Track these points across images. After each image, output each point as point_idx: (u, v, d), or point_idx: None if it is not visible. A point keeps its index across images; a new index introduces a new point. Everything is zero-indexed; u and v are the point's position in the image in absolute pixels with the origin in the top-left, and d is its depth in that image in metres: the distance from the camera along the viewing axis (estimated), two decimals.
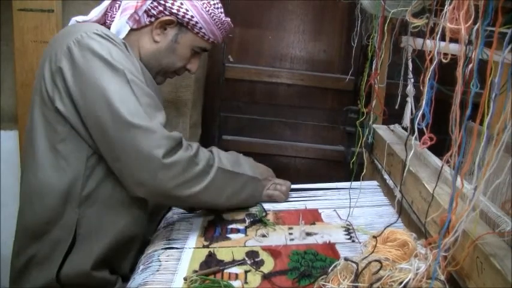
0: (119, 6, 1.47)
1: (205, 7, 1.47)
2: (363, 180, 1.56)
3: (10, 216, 2.09)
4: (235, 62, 2.48)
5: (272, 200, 1.63)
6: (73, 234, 1.37)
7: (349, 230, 1.43)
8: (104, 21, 1.50)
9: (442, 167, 0.97)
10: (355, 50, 1.90)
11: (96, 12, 1.49)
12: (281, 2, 2.40)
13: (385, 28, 1.30)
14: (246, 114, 2.55)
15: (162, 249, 1.34)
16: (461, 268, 0.93)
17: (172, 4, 1.44)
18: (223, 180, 1.43)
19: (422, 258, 0.96)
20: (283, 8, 2.42)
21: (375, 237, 1.07)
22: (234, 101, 2.53)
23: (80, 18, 1.50)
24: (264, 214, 1.52)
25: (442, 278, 0.91)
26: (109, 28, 1.46)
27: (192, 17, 1.46)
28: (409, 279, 0.88)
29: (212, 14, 1.48)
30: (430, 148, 0.93)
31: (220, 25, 1.52)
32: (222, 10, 1.54)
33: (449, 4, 0.81)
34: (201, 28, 1.48)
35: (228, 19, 1.55)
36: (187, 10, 1.45)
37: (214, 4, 1.50)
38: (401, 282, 0.89)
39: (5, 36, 1.94)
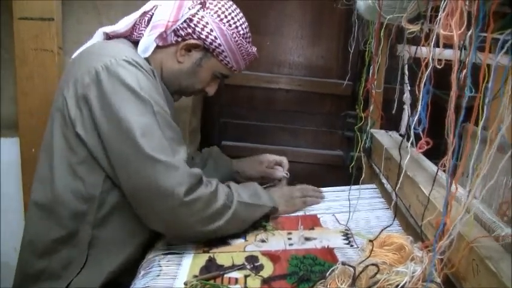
0: (148, 20, 1.46)
1: (235, 37, 1.46)
2: (361, 184, 1.57)
3: (12, 223, 2.12)
4: None
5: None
6: (86, 255, 1.37)
7: (347, 235, 1.44)
8: (131, 32, 1.49)
9: (437, 171, 0.98)
10: (352, 56, 1.91)
11: (125, 23, 1.48)
12: (279, 9, 2.42)
13: (381, 34, 1.31)
14: (246, 120, 2.56)
15: (162, 254, 1.35)
16: (457, 270, 0.94)
17: (202, 29, 1.43)
18: (244, 213, 1.42)
19: (419, 262, 0.97)
20: (281, 15, 2.44)
21: (371, 241, 1.08)
22: (234, 106, 2.55)
23: (108, 29, 1.50)
24: (266, 219, 1.54)
25: (438, 280, 0.92)
26: (135, 42, 1.46)
27: (220, 45, 1.45)
28: (405, 282, 0.89)
29: (240, 44, 1.48)
30: (429, 151, 0.94)
31: (246, 56, 1.52)
32: (250, 40, 1.54)
33: (443, 11, 0.82)
34: (226, 57, 1.48)
35: (255, 49, 1.55)
36: (215, 38, 1.44)
37: (243, 34, 1.49)
38: (397, 285, 0.90)
39: (6, 44, 1.95)
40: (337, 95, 2.46)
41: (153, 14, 1.46)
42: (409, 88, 1.48)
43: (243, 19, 1.51)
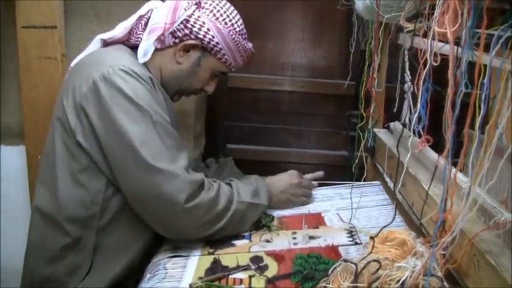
0: (145, 24, 1.48)
1: (231, 34, 1.48)
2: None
3: (21, 231, 2.13)
4: (238, 71, 2.50)
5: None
6: (90, 261, 1.39)
7: (352, 232, 1.45)
8: (129, 37, 1.51)
9: (435, 168, 0.99)
10: (353, 56, 1.92)
11: (122, 28, 1.50)
12: (280, 12, 2.42)
13: (380, 33, 1.32)
14: (250, 122, 2.56)
15: (168, 257, 1.36)
16: (459, 266, 0.95)
17: (199, 29, 1.45)
18: (244, 212, 1.44)
19: (420, 256, 0.98)
20: (282, 18, 2.44)
21: (372, 237, 1.09)
22: (237, 110, 2.55)
23: (105, 35, 1.51)
24: (271, 219, 1.55)
25: (440, 274, 0.92)
26: (133, 47, 1.48)
27: (218, 43, 1.47)
28: (406, 277, 0.90)
29: (237, 41, 1.49)
30: (431, 147, 0.94)
31: (243, 52, 1.54)
32: (246, 36, 1.55)
33: (439, 9, 0.83)
34: (224, 54, 1.50)
35: (251, 45, 1.57)
36: (213, 36, 1.46)
37: (239, 31, 1.51)
38: (398, 280, 0.91)
39: (10, 53, 1.97)
40: (340, 95, 2.45)
41: (149, 17, 1.48)
42: (409, 78, 1.48)
43: (238, 16, 1.52)
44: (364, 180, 1.52)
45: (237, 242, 1.43)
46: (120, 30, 1.50)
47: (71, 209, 1.36)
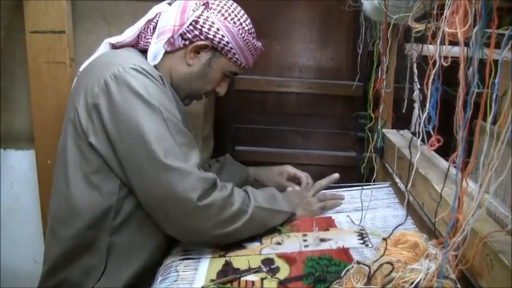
0: (153, 28, 1.48)
1: (241, 33, 1.48)
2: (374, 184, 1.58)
3: (30, 235, 2.15)
4: (245, 73, 2.50)
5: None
6: (105, 262, 1.39)
7: (362, 235, 1.44)
8: (137, 42, 1.51)
9: (448, 168, 0.99)
10: (361, 57, 1.92)
11: (130, 33, 1.50)
12: (287, 13, 2.43)
13: (389, 34, 1.32)
14: (258, 124, 2.57)
15: (179, 260, 1.36)
16: (472, 266, 0.94)
17: (209, 29, 1.45)
18: (262, 218, 1.43)
19: (433, 259, 0.98)
20: (289, 19, 2.44)
21: (384, 239, 1.08)
22: (245, 111, 2.55)
23: (113, 39, 1.52)
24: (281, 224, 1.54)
25: (453, 276, 0.92)
26: (142, 51, 1.48)
27: (228, 43, 1.47)
28: (420, 279, 0.90)
29: (247, 40, 1.49)
30: (441, 148, 0.94)
31: (253, 51, 1.53)
32: (255, 35, 1.55)
33: (448, 9, 0.83)
34: (234, 54, 1.49)
35: (260, 44, 1.56)
36: (223, 36, 1.46)
37: (248, 30, 1.51)
38: (412, 283, 0.91)
39: (19, 58, 1.98)
40: (348, 96, 2.46)
41: (157, 21, 1.48)
42: (418, 86, 1.48)
43: (246, 15, 1.52)
44: (374, 181, 1.52)
45: (248, 245, 1.42)
46: (128, 34, 1.50)
47: (84, 211, 1.37)
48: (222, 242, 1.40)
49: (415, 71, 1.51)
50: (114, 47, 1.53)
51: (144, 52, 1.48)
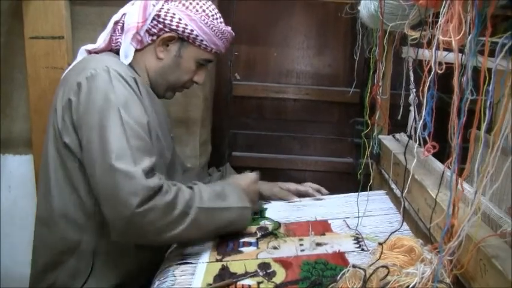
0: (121, 28, 1.50)
1: (204, 19, 1.49)
2: (371, 190, 1.59)
3: (28, 240, 2.15)
4: (242, 79, 2.52)
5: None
6: (91, 264, 1.41)
7: (358, 239, 1.45)
8: (110, 45, 1.53)
9: (443, 173, 1.00)
10: (358, 63, 1.93)
11: (102, 38, 1.53)
12: (284, 19, 2.45)
13: (385, 41, 1.33)
14: (255, 130, 2.58)
15: (176, 264, 1.37)
16: (466, 271, 0.96)
17: (171, 21, 1.47)
18: (205, 219, 1.38)
19: (428, 263, 0.99)
20: (286, 25, 2.46)
21: (380, 244, 1.09)
22: (243, 117, 2.57)
23: (89, 46, 1.55)
24: (278, 226, 1.56)
25: (448, 280, 0.93)
26: (117, 53, 1.50)
27: (192, 30, 1.48)
28: (415, 283, 0.91)
29: (211, 25, 1.50)
30: (437, 155, 0.95)
31: (221, 35, 1.54)
32: (222, 20, 1.56)
33: (443, 17, 0.84)
34: (202, 40, 1.50)
35: (229, 28, 1.57)
36: (186, 25, 1.47)
37: (212, 15, 1.52)
38: (407, 286, 0.92)
39: (18, 63, 1.99)
40: (344, 102, 2.47)
41: (124, 21, 1.50)
42: (414, 90, 1.50)
43: (209, 2, 1.54)
44: (370, 187, 1.53)
45: (245, 249, 1.43)
46: (101, 40, 1.53)
47: (66, 213, 1.39)
48: (172, 242, 1.43)
49: (411, 75, 1.52)
50: (90, 53, 1.56)
51: (119, 54, 1.51)
